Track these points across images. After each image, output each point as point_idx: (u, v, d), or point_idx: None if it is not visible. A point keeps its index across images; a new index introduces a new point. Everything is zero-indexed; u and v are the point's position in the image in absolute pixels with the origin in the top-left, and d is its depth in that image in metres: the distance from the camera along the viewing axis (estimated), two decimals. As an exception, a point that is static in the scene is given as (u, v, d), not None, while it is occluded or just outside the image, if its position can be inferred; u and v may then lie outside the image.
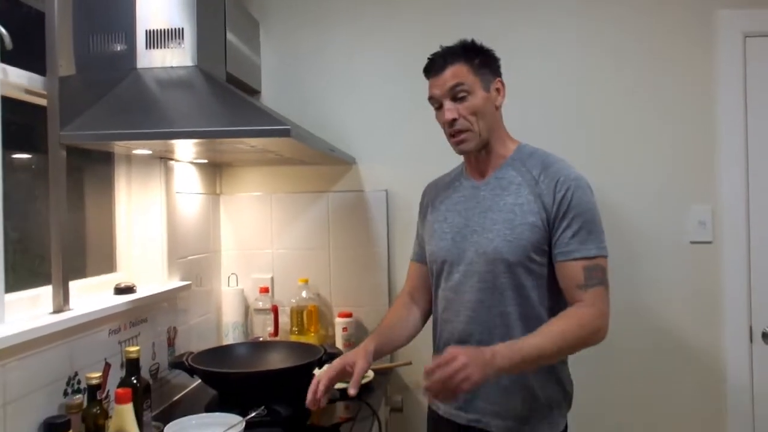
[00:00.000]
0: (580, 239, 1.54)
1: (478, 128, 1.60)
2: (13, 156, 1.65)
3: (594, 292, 1.53)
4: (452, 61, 1.61)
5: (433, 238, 1.73)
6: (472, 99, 1.59)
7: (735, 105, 2.32)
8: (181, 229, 2.22)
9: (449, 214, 1.71)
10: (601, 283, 1.54)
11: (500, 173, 1.65)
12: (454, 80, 1.59)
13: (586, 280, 1.53)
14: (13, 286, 1.51)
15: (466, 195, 1.70)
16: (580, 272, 1.53)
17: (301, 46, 2.57)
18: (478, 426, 1.61)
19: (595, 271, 1.54)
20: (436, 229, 1.73)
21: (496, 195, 1.63)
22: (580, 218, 1.55)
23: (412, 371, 2.45)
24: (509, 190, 1.61)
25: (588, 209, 1.57)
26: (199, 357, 2.01)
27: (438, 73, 1.62)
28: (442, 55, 1.64)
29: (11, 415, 1.36)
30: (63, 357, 1.55)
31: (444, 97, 1.61)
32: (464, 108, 1.59)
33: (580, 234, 1.54)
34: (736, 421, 2.33)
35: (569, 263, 1.54)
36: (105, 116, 1.61)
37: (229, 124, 1.58)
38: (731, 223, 2.33)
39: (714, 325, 2.35)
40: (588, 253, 1.54)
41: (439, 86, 1.62)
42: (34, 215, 1.72)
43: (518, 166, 1.64)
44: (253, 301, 2.56)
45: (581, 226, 1.54)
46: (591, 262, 1.54)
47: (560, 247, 1.56)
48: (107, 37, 1.77)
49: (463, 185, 1.73)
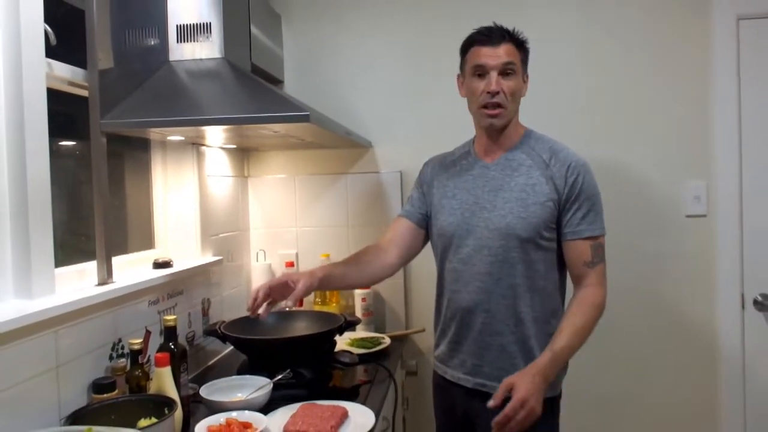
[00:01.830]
0: (589, 220, 1.59)
1: (510, 108, 1.61)
2: (59, 144, 1.68)
3: (599, 269, 1.60)
4: (509, 40, 1.60)
5: (442, 214, 1.71)
6: (515, 81, 1.60)
7: (729, 85, 2.28)
8: (212, 209, 2.24)
9: (458, 191, 1.70)
10: (603, 260, 1.61)
11: (510, 155, 1.65)
12: (508, 57, 1.58)
13: (593, 257, 1.58)
14: (61, 261, 1.53)
15: (474, 174, 1.69)
16: (588, 250, 1.58)
17: (320, 38, 2.56)
18: (483, 390, 1.63)
19: (599, 248, 1.60)
20: (445, 204, 1.71)
21: (506, 175, 1.63)
22: (589, 201, 1.59)
23: (426, 337, 2.47)
24: (519, 171, 1.62)
25: (595, 192, 1.61)
26: (231, 325, 2.04)
27: (495, 45, 1.58)
28: (501, 31, 1.61)
29: (64, 376, 1.39)
30: (108, 325, 1.58)
31: (495, 69, 1.57)
32: (508, 86, 1.58)
33: (589, 215, 1.59)
34: (727, 383, 2.32)
35: (579, 242, 1.59)
36: (141, 105, 1.63)
37: (254, 111, 1.58)
38: (725, 198, 2.30)
39: (708, 293, 2.34)
40: (594, 232, 1.59)
41: (493, 57, 1.57)
42: (79, 198, 1.74)
43: (527, 150, 1.64)
44: (279, 274, 2.59)
45: (590, 208, 1.59)
46: (596, 241, 1.59)
47: (571, 226, 1.59)
48: (141, 32, 1.78)
49: (472, 165, 1.71)
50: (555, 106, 2.37)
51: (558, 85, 2.39)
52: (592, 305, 1.57)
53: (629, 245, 2.36)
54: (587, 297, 1.58)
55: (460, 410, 1.70)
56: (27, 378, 1.28)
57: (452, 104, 2.17)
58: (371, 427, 1.49)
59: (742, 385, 2.31)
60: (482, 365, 1.63)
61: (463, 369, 1.67)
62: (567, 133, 1.69)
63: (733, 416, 2.32)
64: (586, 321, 1.55)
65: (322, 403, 1.58)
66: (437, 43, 2.44)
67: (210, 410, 1.59)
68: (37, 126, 1.39)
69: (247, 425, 1.47)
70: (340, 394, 1.75)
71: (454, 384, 1.70)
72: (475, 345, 1.64)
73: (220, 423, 1.48)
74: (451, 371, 1.71)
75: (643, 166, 2.37)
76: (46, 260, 1.41)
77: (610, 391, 2.41)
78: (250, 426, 1.46)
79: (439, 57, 2.44)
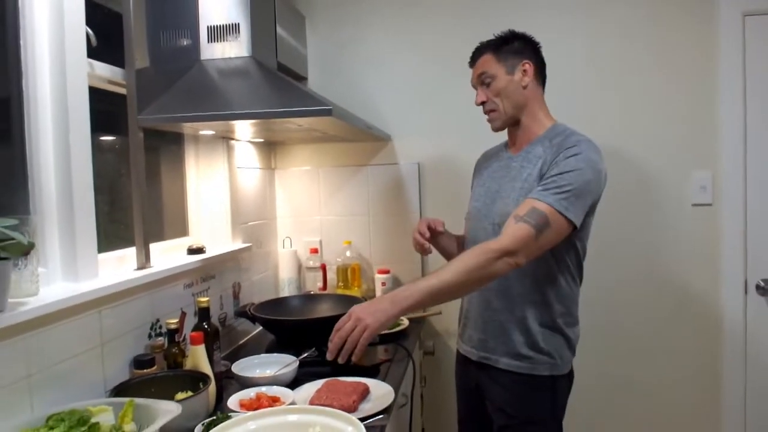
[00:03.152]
0: (546, 187, 1.46)
1: (503, 107, 1.64)
2: (99, 139, 1.71)
3: (521, 226, 1.41)
4: (481, 53, 1.68)
5: (472, 199, 1.78)
6: (495, 83, 1.63)
7: (735, 79, 2.25)
8: (242, 199, 2.27)
9: (488, 180, 1.74)
10: (534, 227, 1.41)
11: (530, 148, 1.64)
12: (480, 69, 1.67)
13: (524, 215, 1.42)
14: (103, 248, 1.56)
15: (502, 165, 1.72)
16: (525, 207, 1.44)
17: (342, 37, 2.57)
18: (487, 363, 1.65)
19: (539, 215, 1.42)
20: (475, 192, 1.78)
21: (522, 167, 1.63)
22: (558, 174, 1.47)
23: (442, 320, 2.49)
24: (534, 162, 1.60)
25: (571, 171, 1.46)
26: (260, 307, 2.07)
27: (473, 64, 1.70)
28: (478, 48, 1.70)
29: (108, 353, 1.43)
30: (146, 306, 1.61)
31: (476, 83, 1.69)
32: (490, 91, 1.65)
33: (548, 185, 1.47)
34: (730, 364, 2.31)
35: (526, 200, 1.47)
36: (175, 102, 1.65)
37: (281, 106, 1.59)
38: (730, 188, 2.28)
39: (712, 279, 2.32)
40: (545, 199, 1.44)
41: (473, 76, 1.70)
42: (118, 189, 1.77)
43: (546, 143, 1.61)
44: (304, 260, 2.61)
45: (554, 180, 1.47)
46: (542, 206, 1.43)
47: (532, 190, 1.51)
48: (175, 33, 1.80)
49: (502, 156, 1.75)
50: (565, 101, 2.33)
51: (568, 82, 2.36)
52: (483, 250, 1.41)
53: (638, 233, 2.35)
54: (485, 244, 1.44)
55: (473, 383, 1.73)
56: (76, 354, 1.33)
57: (467, 99, 2.16)
58: (391, 402, 1.50)
59: (744, 366, 2.30)
60: (486, 339, 1.65)
61: (471, 343, 1.70)
62: (578, 126, 1.66)
63: (734, 396, 2.31)
64: (468, 260, 1.40)
65: (345, 379, 1.59)
66: (453, 41, 2.44)
67: (241, 385, 1.62)
68: (81, 122, 1.42)
69: (276, 399, 1.50)
70: (361, 371, 1.76)
71: (467, 358, 1.73)
72: (481, 320, 1.66)
73: (250, 397, 1.51)
74: (464, 346, 1.75)
75: (651, 158, 2.34)
76: (90, 246, 1.44)
77: (617, 371, 2.40)
78: (278, 399, 1.49)
79: (454, 55, 2.42)
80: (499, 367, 1.62)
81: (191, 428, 1.31)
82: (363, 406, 1.49)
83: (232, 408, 1.46)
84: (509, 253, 1.40)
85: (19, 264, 1.18)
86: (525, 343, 1.59)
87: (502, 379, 1.63)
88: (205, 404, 1.41)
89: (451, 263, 1.43)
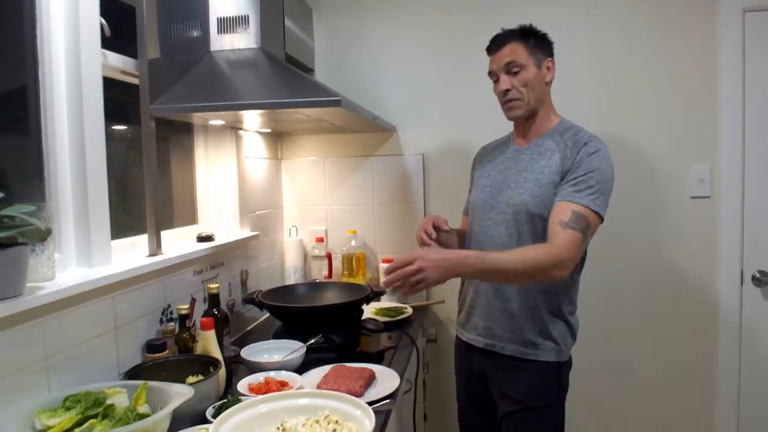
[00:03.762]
0: (579, 188, 1.50)
1: (528, 98, 1.62)
2: (111, 128, 1.70)
3: (571, 233, 1.45)
4: (510, 40, 1.62)
5: (475, 190, 1.77)
6: (524, 73, 1.61)
7: (734, 74, 2.24)
8: (249, 188, 2.27)
9: (492, 171, 1.73)
10: (581, 231, 1.46)
11: (540, 141, 1.65)
12: (509, 57, 1.61)
13: (570, 221, 1.46)
14: (116, 235, 1.57)
15: (508, 157, 1.71)
16: (568, 212, 1.47)
17: (348, 30, 2.56)
18: (493, 350, 1.66)
19: (581, 218, 1.47)
20: (478, 183, 1.76)
21: (533, 159, 1.63)
22: (586, 175, 1.51)
23: (445, 308, 2.50)
24: (545, 156, 1.61)
25: (596, 169, 1.51)
26: (267, 294, 2.07)
27: (498, 50, 1.63)
28: (502, 35, 1.65)
29: (121, 337, 1.44)
30: (158, 292, 1.62)
31: (500, 71, 1.63)
32: (517, 80, 1.61)
33: (580, 185, 1.51)
34: (726, 352, 2.32)
35: (563, 203, 1.50)
36: (186, 92, 1.65)
37: (290, 96, 1.59)
38: (728, 181, 2.28)
39: (710, 270, 2.32)
40: (580, 201, 1.48)
41: (496, 62, 1.64)
42: (129, 178, 1.78)
43: (556, 138, 1.62)
44: (310, 248, 2.62)
45: (584, 180, 1.51)
46: (580, 210, 1.47)
47: (560, 191, 1.53)
48: (185, 25, 1.80)
49: (508, 149, 1.74)
50: (567, 93, 2.33)
51: (568, 74, 2.35)
52: (547, 252, 1.43)
53: (637, 224, 2.35)
54: (546, 245, 1.47)
55: (476, 370, 1.74)
56: (91, 337, 1.34)
57: (472, 91, 2.17)
58: (396, 387, 1.51)
59: (738, 353, 2.31)
60: (493, 327, 1.66)
61: (476, 331, 1.71)
62: (579, 119, 1.67)
63: (729, 382, 2.33)
64: (527, 254, 1.43)
65: (351, 365, 1.60)
66: (460, 34, 2.43)
67: (250, 370, 1.63)
68: (95, 111, 1.42)
69: (284, 383, 1.50)
70: (367, 357, 1.78)
71: (471, 346, 1.73)
72: (488, 309, 1.67)
73: (259, 381, 1.52)
74: (467, 334, 1.75)
75: (650, 150, 2.34)
76: (103, 233, 1.45)
77: (617, 358, 2.42)
78: (286, 384, 1.50)
79: (460, 47, 2.44)
80: (505, 354, 1.63)
81: (202, 411, 1.32)
82: (369, 391, 1.50)
83: (242, 392, 1.47)
84: (563, 262, 1.43)
85: (36, 249, 1.18)
86: (534, 331, 1.60)
87: (508, 366, 1.64)
88: (216, 388, 1.41)
89: (519, 252, 1.45)
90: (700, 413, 2.37)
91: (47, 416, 1.10)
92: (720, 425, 2.35)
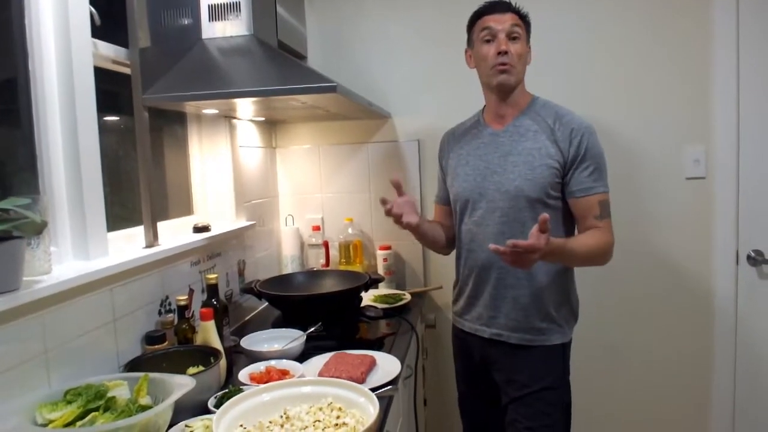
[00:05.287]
0: (595, 178, 1.58)
1: (518, 69, 1.62)
2: (103, 119, 1.68)
3: (608, 222, 1.60)
4: (514, 10, 1.63)
5: (457, 180, 1.72)
6: (521, 44, 1.61)
7: (728, 54, 2.23)
8: (245, 178, 2.25)
9: (470, 158, 1.70)
10: (610, 215, 1.61)
11: (518, 122, 1.64)
12: (513, 21, 1.61)
13: (601, 212, 1.59)
14: (112, 227, 1.55)
15: (485, 141, 1.69)
16: (596, 205, 1.58)
17: (341, 15, 2.53)
18: (499, 339, 1.65)
19: (606, 205, 1.60)
20: (459, 172, 1.72)
21: (514, 141, 1.62)
22: (594, 160, 1.58)
23: (443, 294, 2.49)
24: (527, 136, 1.61)
25: (599, 153, 1.60)
26: (265, 284, 2.07)
27: (501, 13, 1.62)
28: (504, 3, 1.64)
29: (120, 329, 1.43)
30: (156, 283, 1.60)
31: (502, 32, 1.59)
32: (515, 48, 1.60)
33: (594, 174, 1.58)
34: (721, 331, 2.34)
35: (589, 198, 1.58)
36: (178, 81, 1.62)
37: (285, 83, 1.58)
38: (723, 161, 2.28)
39: (705, 250, 2.33)
40: (601, 189, 1.59)
41: (501, 22, 1.60)
42: (124, 169, 1.75)
43: (533, 116, 1.63)
44: (307, 237, 2.61)
45: (596, 168, 1.58)
46: (604, 198, 1.59)
47: (580, 185, 1.58)
48: (176, 12, 1.77)
49: (482, 132, 1.71)
50: (560, 74, 2.34)
51: (562, 55, 2.35)
52: (603, 240, 1.57)
53: (633, 205, 2.35)
54: (598, 233, 1.58)
55: (477, 357, 1.74)
56: (90, 330, 1.32)
57: (466, 76, 2.13)
58: (397, 373, 1.51)
59: (734, 333, 2.32)
60: (497, 316, 1.65)
61: (480, 321, 1.69)
62: (573, 100, 1.68)
63: (724, 361, 2.34)
64: (593, 244, 1.56)
65: (352, 352, 1.60)
66: (453, 19, 2.38)
67: (250, 359, 1.62)
68: (87, 101, 1.40)
69: (285, 372, 1.50)
70: (367, 344, 1.78)
71: (472, 335, 1.73)
72: (491, 298, 1.66)
73: (260, 370, 1.51)
74: (468, 324, 1.74)
75: (646, 132, 2.34)
76: (99, 225, 1.43)
77: (614, 339, 2.43)
78: (287, 373, 1.50)
79: (454, 32, 2.38)
80: (511, 342, 1.63)
81: (204, 401, 1.32)
82: (371, 377, 1.50)
83: (243, 381, 1.46)
84: (611, 252, 1.60)
85: (32, 243, 1.17)
86: (539, 316, 1.61)
87: (515, 354, 1.64)
88: (217, 378, 1.41)
89: (592, 237, 1.56)
90: (695, 391, 2.39)
91: (48, 410, 1.09)
92: (715, 403, 2.36)
